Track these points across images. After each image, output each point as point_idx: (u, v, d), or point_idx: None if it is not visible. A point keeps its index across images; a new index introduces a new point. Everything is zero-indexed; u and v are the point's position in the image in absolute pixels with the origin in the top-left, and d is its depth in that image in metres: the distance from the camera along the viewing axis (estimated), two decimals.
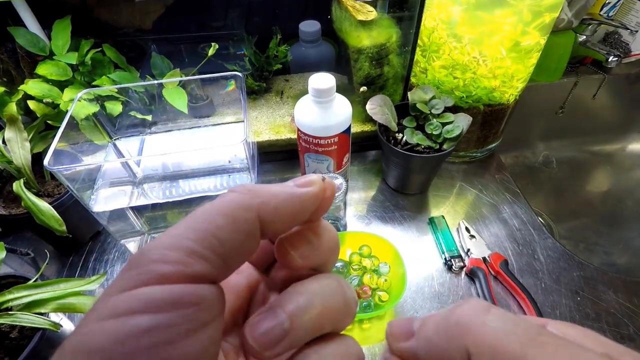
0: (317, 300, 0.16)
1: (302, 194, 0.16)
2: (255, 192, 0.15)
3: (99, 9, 0.64)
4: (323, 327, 0.16)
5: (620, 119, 0.98)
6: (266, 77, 0.77)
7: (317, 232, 0.18)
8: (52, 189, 0.56)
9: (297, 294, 0.16)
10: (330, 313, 0.16)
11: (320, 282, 0.17)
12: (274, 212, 0.15)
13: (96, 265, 0.60)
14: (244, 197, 0.15)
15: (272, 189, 0.16)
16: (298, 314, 0.15)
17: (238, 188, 0.15)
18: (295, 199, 0.16)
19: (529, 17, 0.54)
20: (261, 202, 0.15)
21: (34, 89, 0.54)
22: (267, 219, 0.15)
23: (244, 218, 0.15)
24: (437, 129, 0.58)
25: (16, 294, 0.42)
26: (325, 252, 0.18)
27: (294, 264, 0.17)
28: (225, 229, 0.14)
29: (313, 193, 0.17)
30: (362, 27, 0.60)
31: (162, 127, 0.62)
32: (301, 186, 0.17)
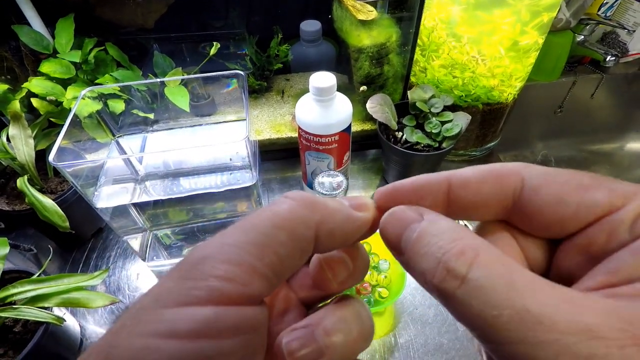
0: (354, 325, 0.15)
1: (358, 219, 0.16)
2: (314, 207, 0.14)
3: (102, 7, 0.64)
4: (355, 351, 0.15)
5: (619, 118, 0.98)
6: (267, 76, 0.78)
7: (356, 258, 0.17)
8: (56, 185, 0.56)
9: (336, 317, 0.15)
10: (361, 338, 0.16)
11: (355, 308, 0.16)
12: (329, 232, 0.15)
13: (98, 262, 0.60)
14: (304, 211, 0.14)
15: (329, 206, 0.15)
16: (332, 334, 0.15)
17: (296, 196, 0.15)
18: (350, 223, 0.15)
19: (527, 16, 0.54)
20: (320, 219, 0.14)
21: (38, 87, 0.55)
22: (321, 239, 0.15)
23: (304, 235, 0.14)
24: (437, 128, 0.58)
25: (20, 288, 0.42)
26: (358, 278, 0.17)
27: (330, 290, 0.17)
28: (286, 245, 0.13)
29: (367, 219, 0.16)
30: (363, 27, 0.60)
31: (164, 125, 0.62)
32: (357, 208, 0.16)
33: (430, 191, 0.16)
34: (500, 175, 0.15)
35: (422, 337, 0.51)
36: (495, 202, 0.15)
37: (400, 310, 0.53)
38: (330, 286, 0.17)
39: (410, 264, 0.14)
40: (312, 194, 0.15)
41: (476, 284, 0.12)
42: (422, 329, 0.51)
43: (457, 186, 0.15)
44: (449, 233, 0.14)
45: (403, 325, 0.52)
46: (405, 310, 0.53)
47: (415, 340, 0.50)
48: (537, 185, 0.14)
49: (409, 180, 0.16)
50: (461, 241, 0.13)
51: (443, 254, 0.13)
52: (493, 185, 0.15)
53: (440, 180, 0.16)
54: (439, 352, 0.49)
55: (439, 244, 0.13)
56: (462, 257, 0.13)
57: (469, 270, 0.12)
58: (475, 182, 0.15)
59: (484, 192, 0.15)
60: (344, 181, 0.52)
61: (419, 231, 0.14)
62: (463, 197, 0.15)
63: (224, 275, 0.12)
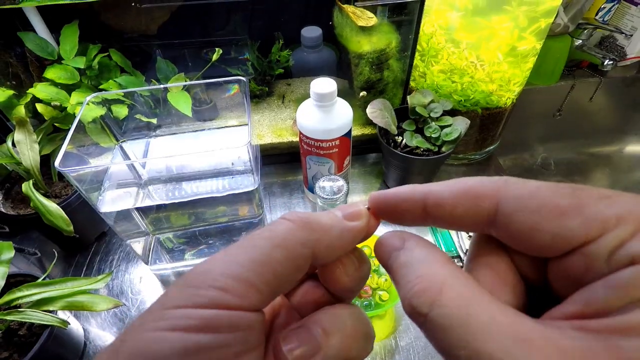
0: (351, 322, 0.16)
1: (353, 229, 0.17)
2: (311, 227, 0.16)
3: (106, 14, 0.65)
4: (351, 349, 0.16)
5: (618, 121, 0.99)
6: (268, 82, 0.79)
7: (357, 255, 0.18)
8: (60, 190, 0.57)
9: (330, 315, 0.16)
10: (358, 338, 0.16)
11: (350, 308, 0.17)
12: (327, 248, 0.16)
13: (101, 266, 0.61)
14: (301, 232, 0.15)
15: (324, 222, 0.16)
16: (332, 331, 0.16)
17: (293, 217, 0.16)
18: (346, 235, 0.17)
19: (524, 22, 0.55)
20: (317, 238, 0.16)
21: (43, 93, 0.56)
22: (319, 255, 0.16)
23: (301, 254, 0.15)
24: (436, 132, 0.59)
25: (25, 292, 0.43)
26: (363, 276, 0.18)
27: (341, 281, 0.18)
28: (283, 264, 0.15)
29: (362, 227, 0.17)
30: (363, 33, 0.61)
31: (167, 130, 0.63)
32: (350, 219, 0.17)
33: (408, 206, 0.16)
34: (476, 197, 0.15)
35: (422, 339, 0.51)
36: (470, 222, 0.15)
37: (401, 313, 0.54)
38: (341, 280, 0.17)
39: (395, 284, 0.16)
40: (308, 214, 0.16)
41: (436, 324, 0.13)
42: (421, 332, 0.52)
43: (432, 205, 0.16)
44: (417, 266, 0.15)
45: (404, 328, 0.52)
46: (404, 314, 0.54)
47: (415, 343, 0.51)
48: (510, 211, 0.14)
49: (392, 192, 0.17)
50: (427, 277, 0.14)
51: (409, 290, 0.14)
52: (467, 208, 0.15)
53: (417, 197, 0.16)
54: (439, 355, 0.49)
55: (407, 279, 0.14)
56: (424, 295, 0.13)
57: (431, 309, 0.13)
58: (450, 202, 0.15)
59: (458, 213, 0.15)
60: (345, 185, 0.53)
61: (396, 261, 0.16)
62: (438, 216, 0.16)
63: (224, 286, 0.13)
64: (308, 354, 0.15)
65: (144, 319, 0.13)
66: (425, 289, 0.13)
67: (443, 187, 0.16)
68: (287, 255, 0.15)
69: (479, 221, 0.15)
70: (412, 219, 0.17)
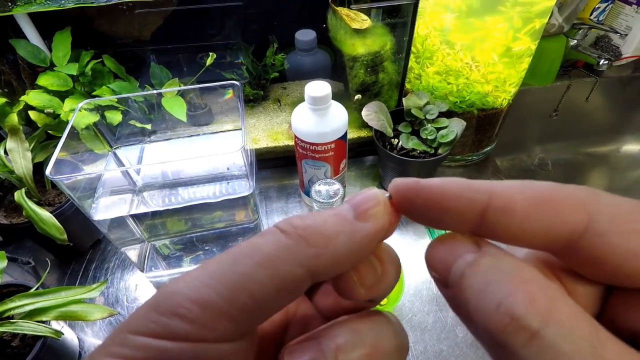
0: (368, 340, 0.14)
1: (368, 233, 0.13)
2: (308, 240, 0.12)
3: (99, 20, 0.65)
4: None
5: (614, 121, 0.99)
6: (263, 85, 0.79)
7: (381, 258, 0.15)
8: (53, 197, 0.57)
9: (346, 329, 0.14)
10: (378, 357, 0.14)
11: (374, 319, 0.14)
12: (330, 263, 0.13)
13: (97, 274, 0.60)
14: (293, 246, 0.12)
15: (327, 229, 0.13)
16: (345, 350, 0.13)
17: (286, 228, 0.13)
18: (358, 242, 0.13)
19: (519, 23, 0.55)
20: (315, 253, 0.12)
21: (35, 100, 0.55)
22: (320, 272, 0.13)
23: (291, 274, 0.12)
24: (432, 134, 0.59)
25: (18, 302, 0.42)
26: (389, 282, 0.15)
27: (356, 294, 0.14)
28: (267, 287, 0.12)
29: (380, 229, 0.13)
30: (357, 36, 0.61)
31: (162, 135, 0.63)
32: (364, 217, 0.13)
33: (461, 206, 0.12)
34: (559, 207, 0.12)
35: (421, 343, 0.51)
36: (543, 239, 0.12)
37: (399, 317, 0.53)
38: (356, 291, 0.14)
39: (458, 300, 0.12)
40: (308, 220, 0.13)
41: (552, 346, 0.10)
42: (421, 335, 0.51)
43: (498, 210, 0.12)
44: (515, 271, 0.11)
45: None
46: (404, 317, 0.53)
47: (414, 347, 0.50)
48: (605, 230, 0.11)
49: (437, 183, 0.13)
50: (532, 285, 0.11)
51: (507, 295, 0.11)
52: (545, 219, 0.12)
53: (477, 196, 0.12)
54: (439, 359, 0.49)
55: (502, 283, 0.11)
56: (533, 306, 0.10)
57: (543, 325, 0.10)
58: (523, 210, 0.12)
59: (532, 226, 0.12)
60: (341, 189, 0.52)
61: (476, 264, 0.12)
62: (502, 226, 0.12)
63: (186, 314, 0.11)
64: None
65: (107, 341, 0.12)
66: (534, 297, 0.10)
67: (512, 188, 0.12)
68: (273, 277, 0.12)
69: (557, 240, 0.12)
70: (457, 223, 0.13)
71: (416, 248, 0.61)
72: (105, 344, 0.12)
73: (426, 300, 0.55)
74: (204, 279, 0.12)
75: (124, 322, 0.12)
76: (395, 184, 0.14)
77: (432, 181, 0.13)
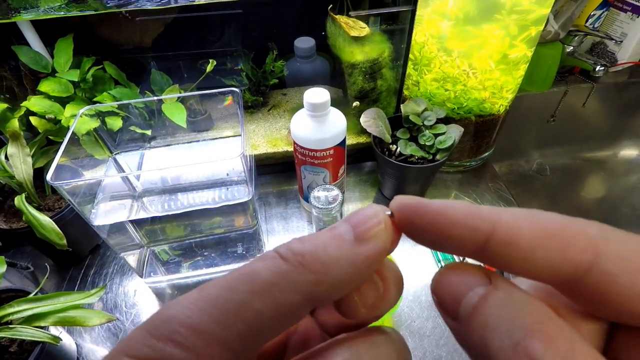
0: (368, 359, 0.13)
1: (367, 256, 0.13)
2: (307, 266, 0.12)
3: (101, 27, 0.66)
4: None
5: (611, 126, 1.00)
6: (263, 92, 0.79)
7: (383, 275, 0.14)
8: (53, 203, 0.57)
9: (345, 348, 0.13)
10: None
11: (374, 339, 0.14)
12: (331, 289, 0.12)
13: (95, 279, 0.60)
14: (291, 274, 0.12)
15: (327, 254, 0.12)
16: None
17: (286, 254, 0.12)
18: (357, 265, 0.12)
19: (515, 30, 0.55)
20: (314, 280, 0.12)
21: (36, 106, 0.56)
22: (320, 298, 0.12)
23: (289, 302, 0.12)
24: (430, 140, 0.59)
25: (16, 308, 0.42)
26: (391, 299, 0.14)
27: (358, 314, 0.14)
28: (263, 315, 0.12)
29: (382, 250, 0.13)
30: (355, 43, 0.62)
31: (162, 141, 0.63)
32: (365, 238, 0.13)
33: (463, 233, 0.12)
34: (566, 243, 0.11)
35: (420, 350, 0.51)
36: (546, 274, 0.12)
37: (398, 323, 0.53)
38: (357, 312, 0.14)
39: (468, 335, 0.12)
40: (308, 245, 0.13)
41: None
42: (420, 341, 0.51)
43: (501, 241, 0.12)
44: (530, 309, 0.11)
45: None
46: (403, 323, 0.53)
47: (413, 353, 0.50)
48: (612, 270, 0.11)
49: (440, 207, 0.13)
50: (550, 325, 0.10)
51: (524, 334, 0.10)
52: (550, 255, 0.11)
53: (481, 225, 0.12)
54: None
55: (518, 322, 0.11)
56: (552, 348, 0.10)
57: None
58: (528, 243, 0.11)
59: (535, 260, 0.11)
60: (340, 195, 0.52)
61: (489, 298, 0.11)
62: (504, 257, 0.12)
63: (181, 341, 0.11)
64: None
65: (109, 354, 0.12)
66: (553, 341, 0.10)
67: (518, 220, 0.12)
68: (271, 305, 0.12)
69: (560, 275, 0.11)
70: (458, 249, 0.12)
71: (415, 253, 0.61)
72: None
73: (425, 306, 0.55)
74: (200, 304, 0.12)
75: (121, 344, 0.12)
76: (397, 202, 0.13)
77: (435, 204, 0.13)
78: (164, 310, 0.12)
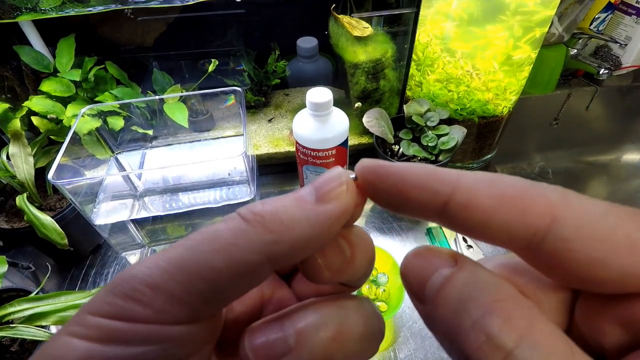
0: (333, 322, 0.13)
1: (327, 217, 0.13)
2: (266, 226, 0.12)
3: (102, 27, 0.66)
4: (332, 355, 0.13)
5: (615, 130, 0.99)
6: (265, 92, 0.79)
7: (351, 241, 0.14)
8: (54, 202, 0.57)
9: (310, 310, 0.13)
10: (343, 341, 0.13)
11: (342, 303, 0.14)
12: (289, 250, 0.12)
13: (96, 279, 0.60)
14: (250, 233, 0.12)
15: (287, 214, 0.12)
16: (307, 332, 0.13)
17: (245, 214, 0.12)
18: (317, 226, 0.12)
19: (519, 32, 0.55)
20: (273, 240, 0.12)
21: (38, 105, 0.56)
22: (279, 258, 0.12)
23: (247, 261, 0.12)
24: (433, 141, 0.59)
25: (18, 307, 0.42)
26: (359, 266, 0.14)
27: (322, 277, 0.14)
28: (222, 273, 0.12)
29: (343, 211, 0.13)
30: (358, 43, 0.61)
31: (163, 141, 0.63)
32: (326, 199, 0.13)
33: (423, 196, 0.12)
34: (524, 207, 0.11)
35: (422, 351, 0.50)
36: (504, 238, 0.12)
37: (400, 325, 0.53)
38: (321, 275, 0.14)
39: (433, 317, 0.12)
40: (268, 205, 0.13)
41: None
42: (421, 343, 0.51)
43: (459, 204, 0.12)
44: (492, 288, 0.11)
45: (403, 339, 0.51)
46: (404, 324, 0.53)
47: (415, 354, 0.50)
48: (569, 236, 0.11)
49: (400, 169, 0.12)
50: (508, 303, 0.11)
51: (483, 314, 0.10)
52: (507, 220, 0.11)
53: (440, 188, 0.12)
54: None
55: (478, 301, 0.11)
56: (509, 324, 0.10)
57: (517, 345, 0.10)
58: (485, 207, 0.11)
59: (493, 223, 0.11)
60: None
61: (452, 279, 0.12)
62: (463, 219, 0.12)
63: (140, 297, 0.12)
64: (274, 355, 0.13)
65: (70, 320, 0.12)
66: (510, 316, 0.10)
67: (478, 183, 0.12)
68: (229, 264, 0.12)
69: (518, 240, 0.11)
70: (419, 212, 0.12)
71: None
72: (68, 323, 0.12)
73: None
74: (161, 264, 0.12)
75: (86, 303, 0.12)
76: (361, 165, 0.13)
77: (395, 166, 0.13)
78: (126, 271, 0.12)
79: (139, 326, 0.12)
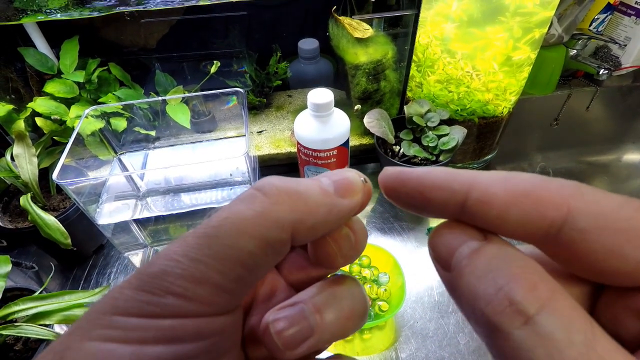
0: (347, 302, 0.15)
1: (344, 208, 0.14)
2: (292, 204, 0.13)
3: (106, 29, 0.66)
4: (347, 330, 0.15)
5: (615, 130, 0.99)
6: (267, 93, 0.79)
7: (353, 228, 0.16)
8: (58, 203, 0.57)
9: (326, 293, 0.15)
10: (354, 318, 0.15)
11: (346, 283, 0.16)
12: (309, 230, 0.13)
13: (99, 279, 0.60)
14: (278, 211, 0.13)
15: (309, 200, 0.13)
16: (327, 314, 0.14)
17: (268, 189, 0.13)
18: (334, 215, 0.14)
19: (519, 33, 0.56)
20: (297, 219, 0.13)
21: (42, 107, 0.56)
22: (299, 237, 0.13)
23: (277, 239, 0.13)
24: (433, 141, 0.59)
25: (22, 306, 0.43)
26: (360, 249, 0.16)
27: (336, 262, 0.15)
28: (256, 255, 0.12)
29: (355, 206, 0.15)
30: (359, 44, 0.62)
31: (166, 142, 0.64)
32: (343, 194, 0.14)
33: (441, 196, 0.13)
34: (539, 202, 0.11)
35: (423, 350, 0.50)
36: (522, 232, 0.12)
37: (401, 324, 0.53)
38: (335, 261, 0.15)
39: (458, 283, 0.12)
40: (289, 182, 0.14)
41: (545, 332, 0.10)
42: (423, 342, 0.51)
43: (476, 202, 0.12)
44: (518, 261, 0.11)
45: (404, 339, 0.52)
46: (405, 323, 0.53)
47: (416, 354, 0.50)
48: (584, 227, 0.11)
49: (419, 175, 0.13)
50: (534, 275, 0.11)
51: (508, 281, 0.11)
52: (524, 214, 0.12)
53: (457, 188, 0.13)
54: None
55: (504, 270, 0.11)
56: (533, 293, 0.10)
57: (539, 311, 0.10)
58: (502, 203, 0.12)
59: (510, 218, 0.12)
60: None
61: (481, 250, 0.12)
62: (481, 216, 0.12)
63: (183, 293, 0.11)
64: (300, 338, 0.13)
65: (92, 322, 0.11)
66: (534, 285, 0.10)
67: (493, 180, 0.12)
68: (260, 245, 0.12)
69: (535, 232, 0.12)
70: (440, 211, 0.13)
71: (418, 255, 0.61)
72: (83, 328, 0.11)
73: (428, 307, 0.55)
74: (192, 255, 0.12)
75: (99, 306, 0.12)
76: (385, 173, 0.14)
77: (416, 171, 0.14)
78: (149, 268, 0.12)
79: (187, 321, 0.11)
